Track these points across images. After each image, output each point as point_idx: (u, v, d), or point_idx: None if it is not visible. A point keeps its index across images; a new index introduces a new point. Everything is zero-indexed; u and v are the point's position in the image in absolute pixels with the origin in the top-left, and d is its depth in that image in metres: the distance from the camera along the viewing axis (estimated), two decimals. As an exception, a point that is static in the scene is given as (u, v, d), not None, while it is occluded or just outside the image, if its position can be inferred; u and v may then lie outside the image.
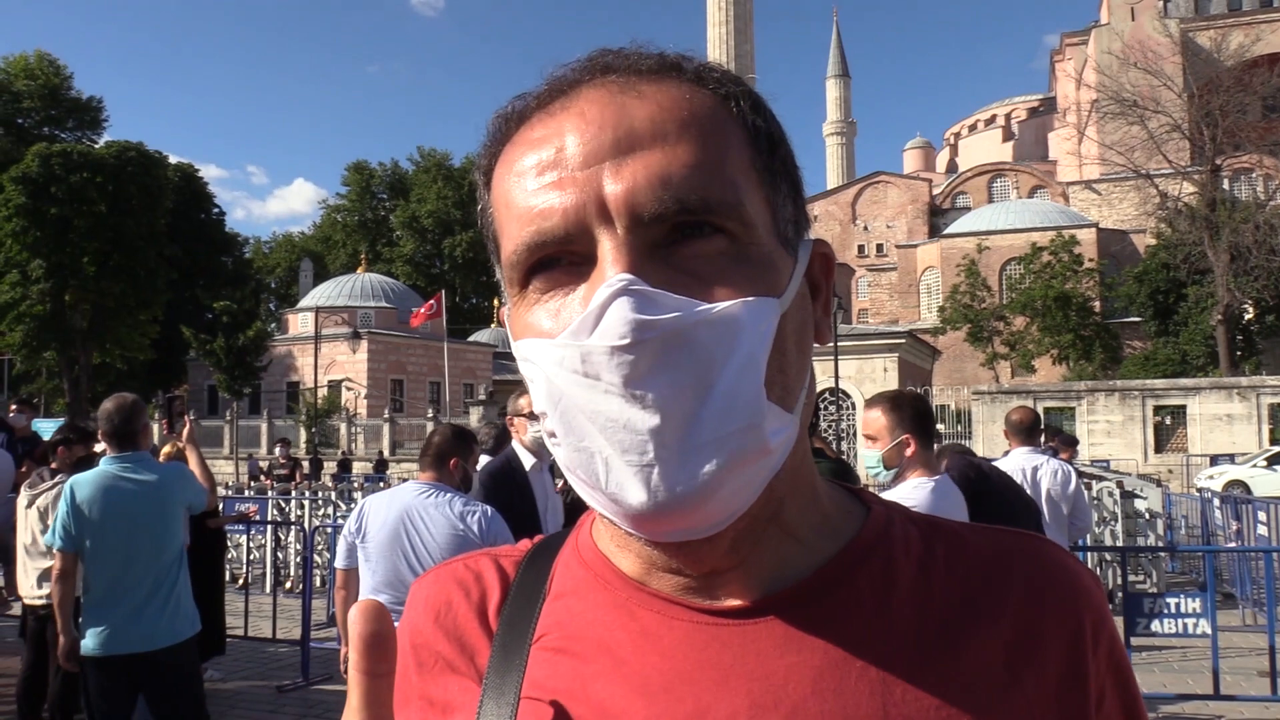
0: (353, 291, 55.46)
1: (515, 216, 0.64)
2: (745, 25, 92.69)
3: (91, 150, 47.85)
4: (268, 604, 9.52)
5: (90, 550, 4.38)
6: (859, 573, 0.67)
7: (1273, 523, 10.43)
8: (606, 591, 0.69)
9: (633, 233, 0.60)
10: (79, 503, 4.36)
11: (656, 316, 0.57)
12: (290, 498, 14.85)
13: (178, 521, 4.58)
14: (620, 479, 0.58)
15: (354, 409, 45.82)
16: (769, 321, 0.61)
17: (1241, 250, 43.56)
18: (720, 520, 0.60)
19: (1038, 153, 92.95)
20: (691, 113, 0.63)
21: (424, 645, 0.72)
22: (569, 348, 0.59)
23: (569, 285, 0.62)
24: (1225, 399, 32.34)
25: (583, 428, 0.59)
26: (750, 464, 0.59)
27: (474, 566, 0.75)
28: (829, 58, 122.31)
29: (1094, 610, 0.69)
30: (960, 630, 0.65)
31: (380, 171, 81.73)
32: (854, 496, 0.75)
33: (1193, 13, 77.64)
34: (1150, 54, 52.79)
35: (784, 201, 0.67)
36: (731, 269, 0.61)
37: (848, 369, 30.78)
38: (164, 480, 4.56)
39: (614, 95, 0.64)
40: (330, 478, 23.43)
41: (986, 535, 0.72)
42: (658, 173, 0.60)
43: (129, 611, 4.38)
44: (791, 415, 0.63)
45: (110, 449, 4.55)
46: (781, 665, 0.63)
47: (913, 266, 75.62)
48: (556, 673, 0.66)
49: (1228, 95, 45.16)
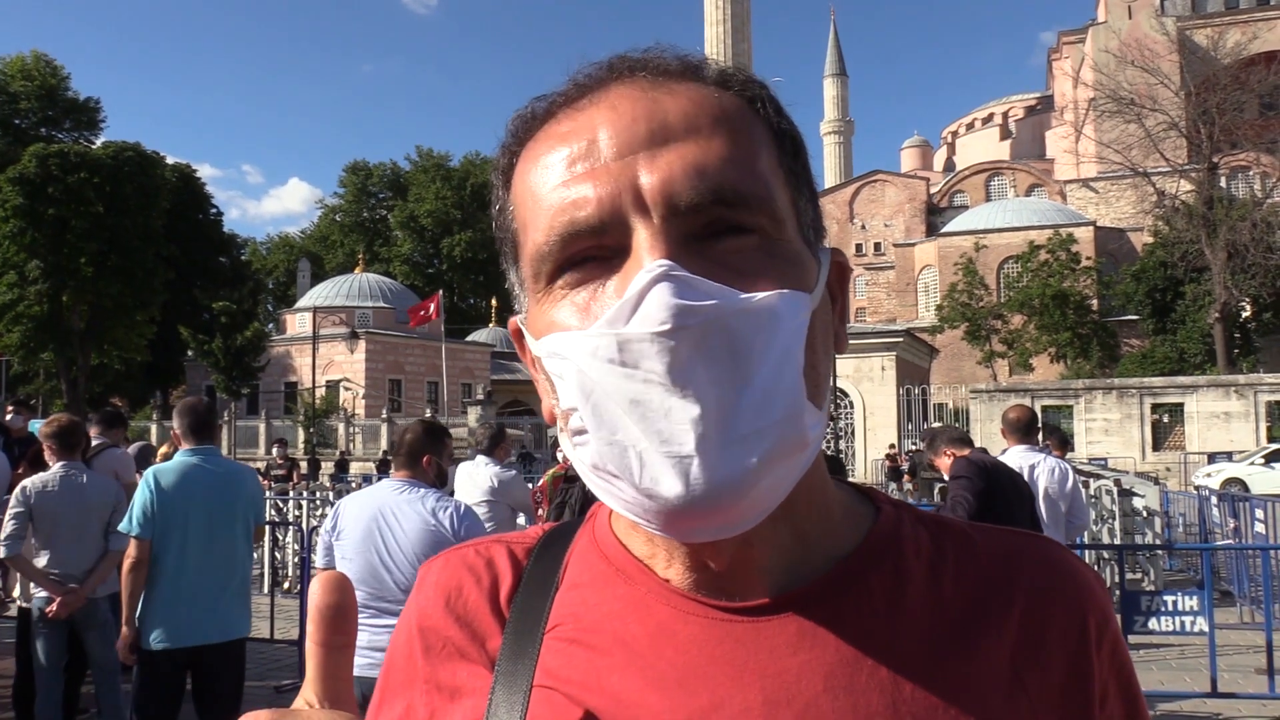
0: (350, 291, 55.45)
1: (545, 208, 0.63)
2: (743, 24, 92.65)
3: (89, 151, 47.79)
4: (265, 604, 9.51)
5: (173, 538, 4.41)
6: (871, 573, 0.68)
7: (1270, 520, 10.45)
8: (625, 585, 0.69)
9: (669, 222, 0.60)
10: (164, 488, 4.42)
11: (699, 302, 0.56)
12: (288, 498, 14.84)
13: (249, 512, 4.74)
14: (655, 473, 0.57)
15: (352, 409, 45.80)
16: (803, 315, 0.61)
17: (1239, 248, 43.62)
18: (754, 517, 0.59)
19: (1035, 151, 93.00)
20: (722, 109, 0.64)
21: (432, 629, 0.71)
22: (604, 336, 0.57)
23: (601, 278, 0.61)
24: (1223, 397, 32.42)
25: (616, 420, 0.58)
26: (789, 458, 0.59)
27: (485, 552, 0.75)
28: (826, 56, 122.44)
29: (1098, 611, 0.70)
30: (969, 631, 0.66)
31: (379, 171, 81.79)
32: (864, 497, 0.75)
33: (1190, 11, 77.71)
34: (1147, 52, 52.89)
35: (806, 205, 0.68)
36: (766, 263, 0.61)
37: (845, 368, 30.83)
38: (240, 471, 4.85)
39: (645, 90, 0.64)
40: (328, 478, 23.44)
41: (994, 536, 0.73)
42: (693, 163, 0.60)
43: (206, 601, 4.43)
44: (821, 412, 0.63)
45: (188, 443, 4.67)
46: (794, 663, 0.64)
47: (910, 265, 75.69)
48: (571, 663, 0.66)
49: (1225, 93, 45.26)
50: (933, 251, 72.27)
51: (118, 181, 45.47)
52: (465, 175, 76.08)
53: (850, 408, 32.63)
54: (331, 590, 0.54)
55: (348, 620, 0.54)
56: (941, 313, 59.10)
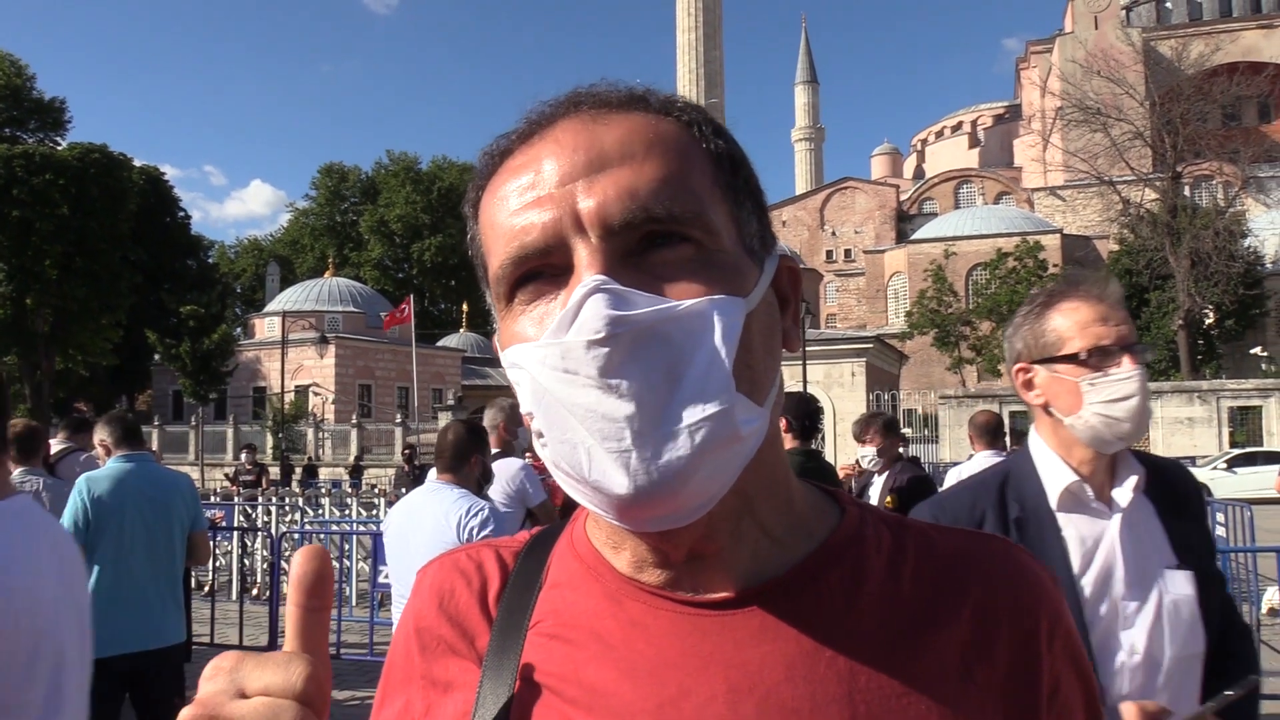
0: (320, 296, 55.04)
1: (500, 236, 0.69)
2: (714, 32, 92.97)
3: (54, 152, 47.13)
4: (234, 611, 9.44)
5: (106, 544, 4.35)
6: (832, 569, 0.72)
7: (1230, 524, 10.61)
8: (598, 583, 0.74)
9: (605, 240, 0.65)
10: (97, 496, 4.38)
11: (629, 312, 0.62)
12: (257, 504, 14.72)
13: (186, 517, 4.72)
14: (603, 467, 0.62)
15: (321, 414, 45.48)
16: (735, 318, 0.65)
17: (1202, 256, 44.31)
18: (699, 504, 0.64)
19: (1003, 159, 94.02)
20: (657, 135, 0.69)
21: (427, 629, 0.77)
22: (550, 346, 0.63)
23: (550, 294, 0.67)
24: (1187, 402, 32.88)
25: (564, 421, 0.63)
26: (723, 449, 0.63)
27: (476, 556, 0.81)
28: (797, 64, 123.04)
29: (1049, 607, 0.75)
30: (924, 625, 0.71)
31: (354, 175, 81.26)
32: (830, 498, 0.80)
33: (1155, 22, 78.96)
34: (1113, 62, 53.53)
35: (748, 217, 0.72)
36: (698, 272, 0.66)
37: (816, 374, 30.94)
38: (175, 478, 4.85)
39: (586, 124, 0.70)
40: (297, 484, 23.27)
41: (952, 536, 0.78)
42: (626, 187, 0.66)
43: (146, 608, 4.38)
44: (761, 409, 0.67)
45: (119, 450, 4.65)
46: (757, 653, 0.68)
47: (880, 272, 76.21)
48: (551, 656, 0.71)
49: (1188, 103, 45.97)
50: (902, 258, 72.83)
51: (83, 183, 44.91)
52: (434, 179, 75.73)
53: (820, 413, 32.82)
54: (310, 559, 0.59)
55: (324, 585, 0.59)
56: (911, 319, 59.55)
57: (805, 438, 5.16)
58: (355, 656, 8.60)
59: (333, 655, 8.71)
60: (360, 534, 11.65)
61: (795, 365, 28.30)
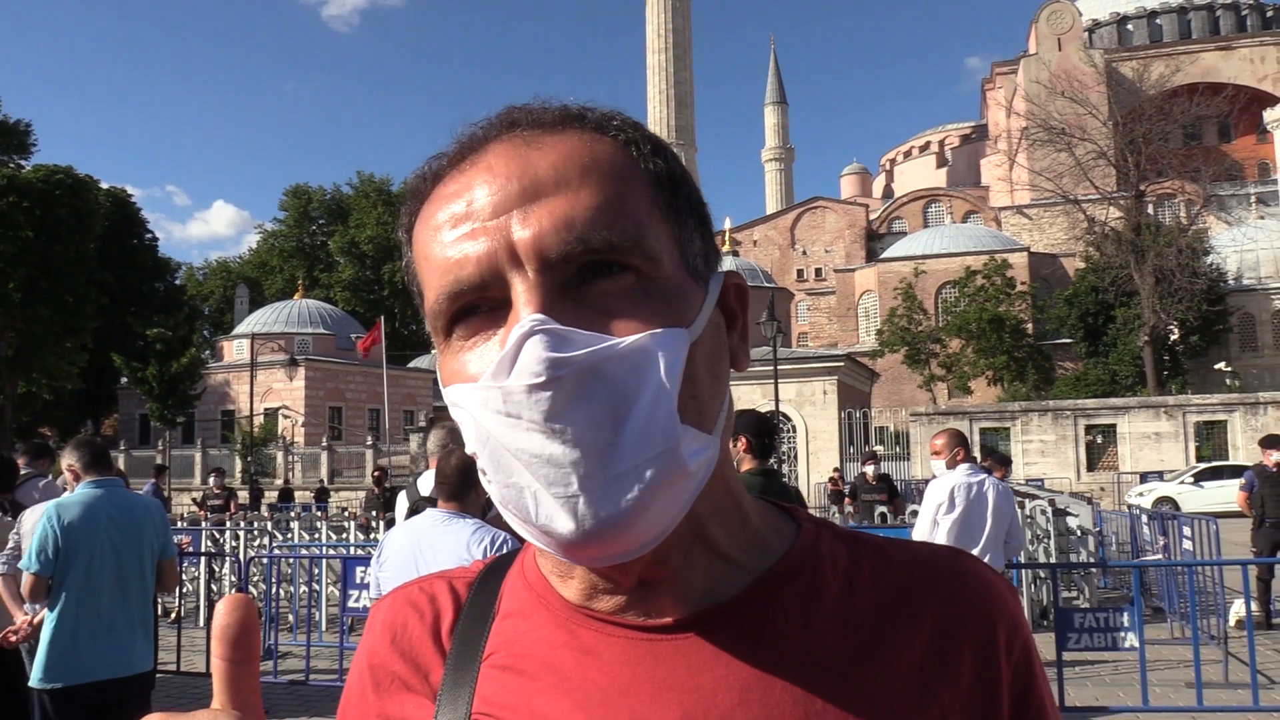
0: (290, 318, 54.68)
1: (434, 268, 0.67)
2: (684, 53, 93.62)
3: (18, 174, 46.63)
4: (201, 638, 9.32)
5: (76, 572, 4.29)
6: (786, 589, 0.71)
7: (1197, 538, 10.71)
8: (549, 612, 0.72)
9: (543, 274, 0.63)
10: (67, 523, 4.31)
11: (569, 354, 0.60)
12: (225, 528, 14.55)
13: (156, 544, 4.66)
14: (549, 511, 0.60)
15: (291, 437, 45.08)
16: (678, 351, 0.63)
17: (1165, 273, 44.98)
18: (648, 542, 0.62)
19: (970, 178, 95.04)
20: (593, 159, 0.67)
21: (380, 665, 0.75)
22: (491, 390, 0.61)
23: (489, 330, 0.65)
24: (1153, 418, 33.24)
25: (510, 465, 0.62)
26: (672, 486, 0.62)
27: (428, 589, 0.79)
28: (767, 85, 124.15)
29: (1008, 619, 0.73)
30: (881, 641, 0.69)
31: (318, 196, 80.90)
32: (786, 515, 0.78)
33: (1116, 44, 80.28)
34: (1076, 83, 54.50)
35: (691, 236, 0.70)
36: (640, 303, 0.64)
37: (787, 392, 31.03)
38: (146, 503, 4.76)
39: (518, 149, 0.67)
40: (268, 508, 23.01)
41: (908, 549, 0.76)
42: (562, 217, 0.63)
43: (115, 635, 4.32)
44: (710, 436, 0.65)
45: (88, 475, 4.57)
46: (710, 678, 0.67)
47: (851, 290, 76.71)
48: (505, 689, 0.70)
49: (1150, 123, 46.72)
50: (873, 277, 73.35)
51: (49, 206, 44.42)
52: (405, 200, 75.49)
53: (793, 432, 32.86)
54: (233, 610, 0.58)
55: (249, 636, 0.58)
56: (882, 337, 59.99)
57: (763, 456, 5.15)
58: (324, 683, 8.51)
59: (301, 681, 8.67)
60: (330, 558, 11.53)
61: (767, 384, 28.40)
